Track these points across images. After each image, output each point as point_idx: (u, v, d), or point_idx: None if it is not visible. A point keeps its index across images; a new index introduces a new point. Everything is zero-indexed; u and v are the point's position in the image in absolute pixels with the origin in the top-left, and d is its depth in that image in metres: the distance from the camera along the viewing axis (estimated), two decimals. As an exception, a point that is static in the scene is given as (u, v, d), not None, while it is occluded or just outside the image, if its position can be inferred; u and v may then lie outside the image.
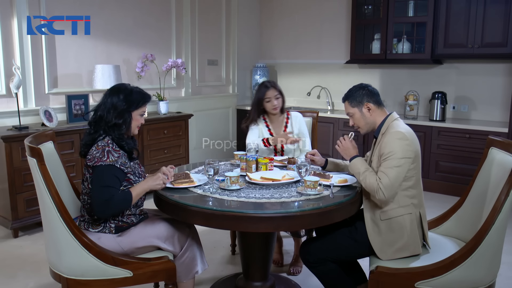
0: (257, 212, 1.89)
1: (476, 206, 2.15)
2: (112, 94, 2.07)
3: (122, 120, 2.06)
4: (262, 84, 3.05)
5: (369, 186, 2.03)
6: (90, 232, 2.03)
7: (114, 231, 2.04)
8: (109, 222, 2.04)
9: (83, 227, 2.06)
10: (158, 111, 4.61)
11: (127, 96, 2.07)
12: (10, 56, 3.62)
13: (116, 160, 1.99)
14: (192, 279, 2.18)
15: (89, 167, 2.02)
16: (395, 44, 4.91)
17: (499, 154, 2.07)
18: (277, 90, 3.00)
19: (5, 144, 3.24)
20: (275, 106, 3.00)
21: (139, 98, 2.11)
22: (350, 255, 2.19)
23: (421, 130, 4.52)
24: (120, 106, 2.05)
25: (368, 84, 2.24)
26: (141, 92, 2.14)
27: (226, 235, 3.30)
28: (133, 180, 2.07)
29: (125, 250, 2.03)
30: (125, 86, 2.12)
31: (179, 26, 5.03)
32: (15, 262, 3.01)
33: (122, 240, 2.03)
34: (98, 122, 2.06)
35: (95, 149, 2.00)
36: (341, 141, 2.25)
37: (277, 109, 3.02)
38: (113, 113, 2.04)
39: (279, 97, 3.01)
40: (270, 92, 2.98)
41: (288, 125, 3.09)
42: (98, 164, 1.96)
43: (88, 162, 2.00)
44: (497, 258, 1.95)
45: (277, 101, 3.00)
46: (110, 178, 1.96)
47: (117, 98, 2.05)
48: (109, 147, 2.00)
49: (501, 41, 4.27)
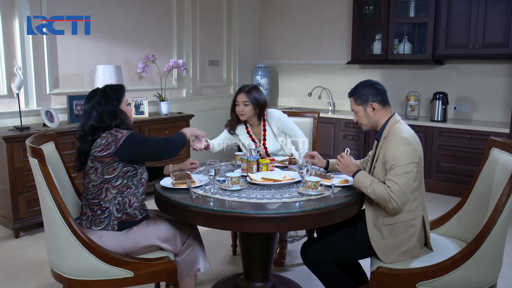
0: (258, 213, 1.89)
1: (477, 206, 2.15)
2: (90, 100, 2.12)
3: (119, 118, 2.10)
4: (241, 86, 2.87)
5: (380, 197, 1.99)
6: (92, 230, 2.03)
7: (117, 228, 2.04)
8: (112, 219, 2.04)
9: (85, 225, 2.06)
10: (159, 112, 4.61)
11: (105, 98, 2.11)
12: (11, 57, 3.63)
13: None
14: (194, 277, 2.19)
15: (102, 158, 2.00)
16: (396, 44, 4.90)
17: (501, 154, 2.07)
18: (248, 97, 2.76)
19: (6, 145, 3.25)
20: (241, 112, 2.78)
21: (117, 91, 2.16)
22: (351, 255, 2.19)
23: (422, 131, 4.52)
24: (106, 109, 2.09)
25: (375, 82, 2.19)
26: (111, 86, 2.20)
27: (227, 236, 3.30)
28: (137, 166, 2.11)
29: (127, 250, 2.03)
30: (97, 89, 2.17)
31: (180, 26, 5.04)
32: (16, 262, 3.01)
33: (124, 239, 2.03)
34: (94, 131, 2.07)
35: (100, 139, 2.03)
36: (339, 159, 2.20)
37: (243, 115, 2.79)
38: (107, 119, 2.07)
39: (248, 104, 2.76)
40: (239, 96, 2.79)
41: (266, 128, 2.90)
42: (120, 141, 2.00)
43: (102, 152, 2.00)
44: (499, 259, 1.94)
45: (245, 108, 2.76)
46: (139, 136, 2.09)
47: (97, 104, 2.09)
48: (113, 130, 2.06)
49: (502, 41, 4.26)
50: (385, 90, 2.18)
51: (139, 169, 2.11)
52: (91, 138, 2.06)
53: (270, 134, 2.90)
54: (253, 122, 2.90)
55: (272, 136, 2.89)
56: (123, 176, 2.04)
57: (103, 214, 2.04)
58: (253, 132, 2.93)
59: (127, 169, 2.05)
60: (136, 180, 2.09)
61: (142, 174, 2.13)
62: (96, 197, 2.04)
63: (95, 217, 2.05)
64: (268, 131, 2.90)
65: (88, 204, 2.07)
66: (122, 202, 2.05)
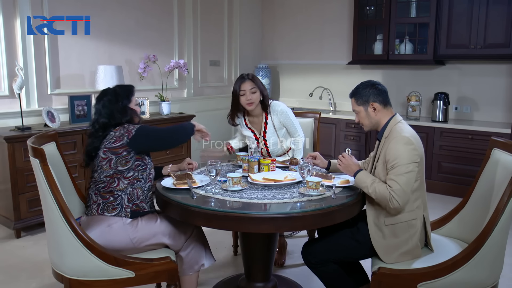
0: (259, 213, 1.89)
1: (478, 207, 2.15)
2: (101, 100, 2.18)
3: (129, 115, 2.17)
4: (239, 76, 2.80)
5: (381, 196, 1.99)
6: (104, 217, 2.05)
7: (130, 215, 2.07)
8: (124, 206, 2.07)
9: (96, 212, 2.07)
10: (161, 112, 4.62)
11: (116, 96, 2.18)
12: (13, 57, 3.63)
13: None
14: (196, 272, 2.20)
15: (116, 148, 2.04)
16: (397, 45, 4.90)
17: (502, 155, 2.07)
18: (254, 83, 2.72)
19: (8, 145, 3.26)
20: (250, 100, 2.71)
21: (127, 90, 2.23)
22: (352, 256, 2.19)
23: (424, 131, 4.51)
24: (117, 106, 2.15)
25: (377, 82, 2.19)
26: (121, 86, 2.28)
27: (228, 236, 3.30)
28: (146, 161, 2.16)
29: (133, 242, 2.05)
30: (107, 89, 2.23)
31: (181, 27, 5.04)
32: (18, 262, 3.02)
33: (131, 231, 2.05)
34: (105, 128, 2.12)
35: (112, 131, 2.09)
36: (341, 159, 2.21)
37: (252, 104, 2.72)
38: (118, 116, 2.14)
39: (255, 91, 2.72)
40: (245, 85, 2.72)
41: (268, 121, 2.82)
42: (132, 132, 2.05)
43: (116, 143, 2.05)
44: (500, 260, 1.94)
45: (253, 96, 2.71)
46: (150, 127, 2.15)
47: (108, 102, 2.16)
48: (125, 124, 2.12)
49: (503, 42, 4.26)
50: (386, 90, 2.18)
51: (148, 165, 2.17)
52: (102, 134, 2.11)
53: (271, 127, 2.84)
54: (255, 112, 2.82)
55: (273, 129, 2.84)
56: (134, 169, 2.10)
57: (115, 201, 2.07)
58: (253, 124, 2.88)
59: (138, 163, 2.10)
60: (145, 175, 2.14)
61: (150, 170, 2.19)
62: (108, 186, 2.07)
63: (108, 204, 2.07)
64: (269, 124, 2.82)
65: (99, 193, 2.09)
66: (132, 192, 2.09)
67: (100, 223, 2.03)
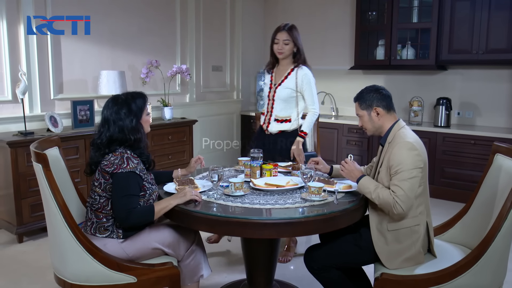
0: (261, 219, 1.89)
1: (481, 212, 2.14)
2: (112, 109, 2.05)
3: (140, 134, 2.08)
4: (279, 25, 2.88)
5: (384, 202, 1.98)
6: (96, 238, 2.03)
7: (121, 236, 2.04)
8: (117, 229, 2.04)
9: (89, 232, 2.06)
10: (163, 117, 4.62)
11: (129, 108, 2.06)
12: (16, 62, 3.65)
13: (135, 167, 2.01)
14: (196, 282, 2.18)
15: (105, 173, 2.00)
16: (399, 50, 4.91)
17: (505, 160, 2.06)
18: (290, 36, 2.79)
19: (10, 150, 3.26)
20: (280, 50, 2.82)
21: (141, 104, 2.11)
22: (354, 262, 2.18)
23: (426, 136, 4.50)
24: (127, 123, 2.04)
25: (381, 87, 2.20)
26: (134, 95, 2.11)
27: (229, 242, 3.29)
28: (147, 188, 2.08)
29: (130, 256, 2.03)
30: (119, 97, 2.09)
31: (183, 32, 5.06)
32: (20, 267, 3.01)
33: (127, 246, 2.03)
34: (111, 143, 2.03)
35: (112, 155, 2.00)
36: (344, 165, 2.20)
37: (282, 53, 2.83)
38: (128, 132, 2.03)
39: (288, 43, 2.81)
40: (280, 34, 2.80)
41: (290, 76, 2.88)
42: (119, 171, 1.97)
43: (106, 167, 1.99)
44: (503, 265, 1.93)
45: (285, 47, 2.81)
46: (131, 186, 1.98)
47: (117, 114, 2.04)
48: (128, 154, 2.02)
49: (505, 47, 4.26)
50: (390, 95, 2.19)
51: (148, 190, 2.09)
52: (103, 151, 2.03)
53: (290, 82, 2.87)
54: (283, 62, 2.90)
55: (290, 83, 2.86)
56: None
57: (107, 222, 2.04)
58: (277, 71, 2.94)
59: None
60: (143, 201, 2.06)
61: (151, 195, 2.10)
62: (102, 207, 2.04)
63: (100, 224, 2.05)
64: (290, 77, 2.86)
65: (93, 211, 2.07)
66: None
67: (96, 241, 2.00)
